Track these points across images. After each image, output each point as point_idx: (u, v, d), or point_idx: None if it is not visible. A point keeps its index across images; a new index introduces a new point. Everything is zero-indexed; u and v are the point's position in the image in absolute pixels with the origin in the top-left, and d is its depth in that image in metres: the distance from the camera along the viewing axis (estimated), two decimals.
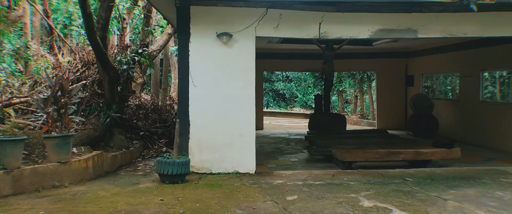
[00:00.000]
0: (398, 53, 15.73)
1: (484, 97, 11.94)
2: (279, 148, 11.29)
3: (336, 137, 10.82)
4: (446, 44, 13.01)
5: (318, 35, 7.56)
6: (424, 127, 13.27)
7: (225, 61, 7.46)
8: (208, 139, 7.44)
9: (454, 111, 13.07)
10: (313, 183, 6.79)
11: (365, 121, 19.29)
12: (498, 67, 11.52)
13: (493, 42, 10.89)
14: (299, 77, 28.26)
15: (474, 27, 7.81)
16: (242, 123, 7.52)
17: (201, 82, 7.42)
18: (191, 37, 7.38)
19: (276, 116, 24.14)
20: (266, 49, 15.05)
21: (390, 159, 8.31)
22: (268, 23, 7.42)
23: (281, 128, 17.24)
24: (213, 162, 7.45)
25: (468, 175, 7.42)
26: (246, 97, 7.52)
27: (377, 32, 7.67)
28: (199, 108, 7.43)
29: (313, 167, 8.49)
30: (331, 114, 13.28)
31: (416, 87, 15.23)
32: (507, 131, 10.62)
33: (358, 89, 22.30)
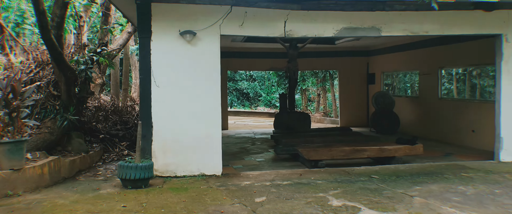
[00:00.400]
0: (360, 52, 15.97)
1: (442, 94, 12.29)
2: (245, 148, 11.14)
3: (301, 135, 10.79)
4: (406, 42, 13.30)
5: (283, 34, 7.46)
6: (385, 124, 13.52)
7: (189, 61, 7.23)
8: (172, 141, 7.18)
9: (414, 107, 13.38)
10: (281, 183, 6.68)
11: (328, 118, 19.48)
12: (455, 64, 11.88)
13: (450, 40, 11.19)
14: (263, 76, 28.23)
15: (435, 25, 7.96)
16: (207, 123, 7.31)
17: (164, 82, 7.15)
18: (153, 35, 7.09)
19: (241, 115, 24.00)
20: (230, 48, 14.87)
21: (355, 157, 8.35)
22: (233, 21, 7.25)
23: (246, 127, 17.11)
24: (178, 164, 7.20)
25: (431, 170, 7.55)
26: (212, 98, 7.32)
27: (342, 31, 7.67)
28: (162, 109, 7.15)
29: (280, 167, 8.40)
30: (296, 112, 13.29)
31: (377, 85, 15.51)
32: (464, 126, 10.96)
33: (321, 88, 22.51)
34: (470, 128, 10.78)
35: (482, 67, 11.55)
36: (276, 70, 18.65)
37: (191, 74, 7.23)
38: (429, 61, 12.42)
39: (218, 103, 7.35)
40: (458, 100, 11.96)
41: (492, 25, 8.12)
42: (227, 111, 15.49)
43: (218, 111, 7.35)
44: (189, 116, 7.23)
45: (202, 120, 7.28)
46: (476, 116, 10.59)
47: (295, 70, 12.70)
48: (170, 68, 7.17)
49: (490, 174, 7.20)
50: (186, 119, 7.22)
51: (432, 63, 12.26)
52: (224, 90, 15.36)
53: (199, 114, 7.26)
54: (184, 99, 7.22)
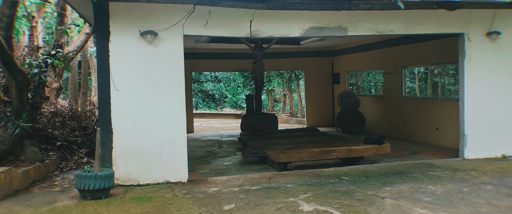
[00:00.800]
0: (325, 52, 15.98)
1: (406, 93, 12.42)
2: (211, 151, 10.82)
3: (269, 137, 10.59)
4: (370, 42, 13.38)
5: (249, 34, 7.22)
6: (351, 123, 13.55)
7: (151, 62, 6.85)
8: (135, 148, 6.79)
9: (379, 106, 13.48)
10: (250, 188, 6.43)
11: (294, 119, 19.43)
12: (418, 63, 12.03)
13: (413, 40, 11.32)
14: (228, 77, 27.93)
15: (400, 25, 7.94)
16: (172, 128, 6.96)
17: (124, 86, 6.75)
18: (111, 36, 6.67)
19: (206, 117, 23.60)
20: (194, 49, 14.51)
21: (324, 158, 8.23)
22: (196, 21, 6.94)
23: (212, 129, 16.77)
24: (141, 172, 6.81)
25: (399, 170, 7.52)
26: (176, 101, 6.97)
27: (309, 30, 7.51)
28: (123, 114, 6.74)
29: (248, 170, 8.15)
30: (263, 113, 13.10)
31: (342, 85, 15.56)
32: (428, 124, 11.10)
33: (286, 88, 22.47)
34: (434, 126, 10.93)
35: (443, 66, 11.75)
36: (242, 71, 18.42)
37: (153, 76, 6.86)
38: (393, 61, 12.53)
39: (182, 107, 7.01)
40: (421, 98, 12.11)
41: (455, 24, 8.20)
42: (192, 113, 15.11)
43: (182, 114, 7.02)
44: (152, 120, 6.86)
45: (166, 124, 6.92)
46: (439, 114, 10.74)
47: (261, 71, 12.50)
48: (131, 70, 6.78)
49: (456, 172, 7.23)
50: (149, 124, 6.84)
51: (396, 63, 12.38)
52: (188, 92, 14.99)
53: (162, 118, 6.90)
54: (147, 103, 6.84)
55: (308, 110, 16.25)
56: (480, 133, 8.38)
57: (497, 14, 8.28)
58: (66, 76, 13.71)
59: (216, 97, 28.10)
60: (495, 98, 8.41)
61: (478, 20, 8.25)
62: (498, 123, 8.44)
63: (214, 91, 27.92)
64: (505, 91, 8.46)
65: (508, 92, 8.46)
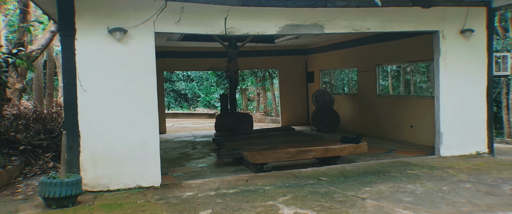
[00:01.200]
0: (299, 50, 15.85)
1: (380, 91, 12.42)
2: (185, 152, 10.48)
3: (244, 137, 10.34)
4: (344, 40, 13.32)
5: (224, 31, 6.94)
6: (326, 122, 13.47)
7: (121, 61, 6.48)
8: (104, 151, 6.40)
9: (354, 104, 13.45)
10: (227, 192, 6.17)
11: (269, 117, 19.25)
12: (392, 61, 12.03)
13: (387, 38, 11.29)
14: (201, 76, 27.49)
15: (376, 22, 7.84)
16: (144, 130, 6.61)
17: (92, 86, 6.35)
18: (77, 33, 6.26)
19: (179, 117, 23.12)
20: (166, 47, 14.09)
21: (301, 158, 8.04)
22: (168, 18, 6.61)
23: (185, 130, 16.38)
24: (111, 177, 6.43)
25: (377, 169, 7.41)
26: (147, 102, 6.62)
27: (285, 28, 7.30)
28: (91, 116, 6.34)
29: (224, 172, 7.88)
30: (238, 113, 12.83)
31: (316, 83, 15.47)
32: (402, 122, 11.11)
33: (260, 87, 22.26)
34: (408, 124, 10.95)
35: (416, 64, 11.81)
36: (216, 70, 18.10)
37: (123, 76, 6.49)
38: (367, 59, 12.50)
39: (154, 107, 6.67)
40: (395, 96, 12.14)
41: (430, 22, 8.17)
42: (164, 113, 14.69)
43: (154, 115, 6.68)
44: (122, 122, 6.48)
45: (137, 126, 6.56)
46: (413, 111, 10.76)
47: (236, 70, 12.23)
48: (99, 70, 6.38)
49: (434, 170, 7.19)
50: (119, 126, 6.47)
51: (370, 61, 12.35)
52: (160, 91, 14.51)
53: (133, 120, 6.54)
54: (116, 104, 6.46)
55: (282, 109, 16.09)
56: (455, 130, 8.39)
57: (470, 11, 8.30)
58: (31, 76, 13.04)
59: (188, 97, 27.62)
60: (469, 95, 8.44)
61: (452, 18, 8.25)
62: (471, 119, 8.48)
63: (186, 90, 27.43)
64: (478, 88, 8.50)
65: (481, 89, 8.51)
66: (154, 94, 6.66)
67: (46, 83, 12.48)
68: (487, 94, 8.53)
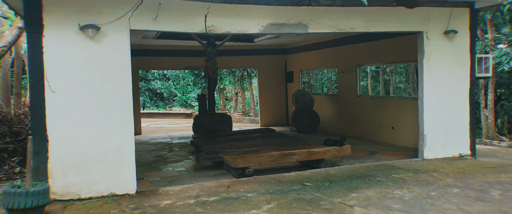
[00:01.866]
0: (278, 50, 15.59)
1: (360, 91, 12.27)
2: (161, 155, 10.04)
3: (224, 139, 9.98)
4: (324, 40, 13.12)
5: (204, 29, 6.57)
6: (306, 123, 13.25)
7: (93, 60, 6.02)
8: (75, 157, 5.94)
9: (334, 105, 13.27)
10: (207, 199, 5.81)
11: (247, 117, 18.93)
12: (372, 62, 11.90)
13: (368, 38, 11.14)
14: (178, 75, 26.93)
15: (360, 22, 7.62)
16: (118, 134, 6.17)
17: (62, 87, 5.87)
18: (46, 30, 5.77)
19: (155, 117, 22.52)
20: (141, 45, 13.58)
21: (284, 161, 7.76)
22: (145, 14, 6.19)
23: (161, 131, 15.87)
24: (83, 184, 5.97)
25: (362, 173, 7.19)
26: (122, 103, 6.19)
27: (268, 27, 6.98)
28: (61, 119, 5.87)
29: (203, 177, 7.52)
30: (217, 114, 12.44)
31: (295, 84, 15.24)
32: (383, 123, 10.98)
33: (239, 87, 21.92)
34: (389, 125, 10.82)
35: (395, 65, 11.71)
36: (193, 70, 17.65)
37: (96, 76, 6.04)
38: (347, 59, 12.33)
39: (129, 110, 6.24)
40: (376, 97, 12.03)
41: (414, 22, 8.01)
42: (140, 113, 14.18)
43: (130, 118, 6.25)
44: (94, 125, 6.03)
45: (111, 129, 6.12)
46: (394, 112, 10.64)
47: (214, 69, 11.85)
48: (69, 69, 5.91)
49: (419, 174, 7.02)
50: (91, 129, 6.01)
51: (350, 61, 12.18)
52: (135, 91, 13.98)
53: (107, 123, 6.10)
54: (88, 106, 6.00)
55: (261, 109, 15.79)
56: (438, 132, 8.27)
57: (453, 12, 8.19)
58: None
59: (164, 96, 27.01)
60: (452, 97, 8.34)
61: (436, 18, 8.12)
62: (455, 122, 8.38)
63: (162, 90, 26.82)
64: (461, 90, 8.41)
65: (464, 90, 8.42)
66: (129, 95, 6.23)
67: (14, 82, 11.78)
68: (469, 96, 8.45)
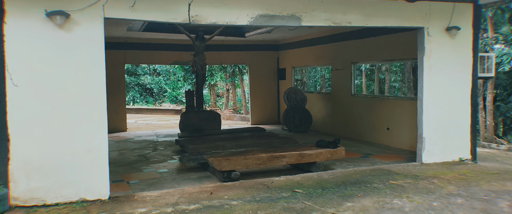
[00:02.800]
0: (270, 45, 14.99)
1: (355, 90, 11.71)
2: (144, 155, 9.41)
3: (211, 139, 9.37)
4: (318, 36, 12.55)
5: (188, 19, 5.94)
6: (298, 122, 12.69)
7: (63, 51, 5.38)
8: (40, 159, 5.30)
9: (327, 104, 12.71)
10: (186, 208, 5.20)
11: (238, 115, 18.34)
12: (367, 60, 11.35)
13: (364, 34, 10.60)
14: (168, 71, 26.22)
15: (358, 16, 7.04)
16: (90, 133, 5.54)
17: (27, 80, 5.24)
18: (7, 16, 5.12)
19: (143, 113, 21.83)
20: (127, 38, 12.90)
21: (273, 164, 7.18)
22: (121, 1, 5.55)
23: (148, 127, 15.21)
24: (49, 189, 5.34)
25: (357, 178, 6.63)
26: (95, 100, 5.56)
27: (258, 18, 6.37)
28: (25, 116, 5.23)
29: (186, 180, 6.92)
30: (205, 111, 11.81)
31: (288, 81, 14.66)
32: (378, 124, 10.44)
33: (230, 83, 21.29)
34: (384, 126, 10.28)
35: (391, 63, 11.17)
36: (182, 64, 16.99)
37: (66, 68, 5.39)
38: (341, 56, 11.77)
39: (103, 107, 5.61)
40: (371, 97, 11.49)
41: (414, 17, 7.46)
42: (125, 110, 13.52)
43: (103, 115, 5.61)
44: (63, 124, 5.39)
45: (82, 128, 5.49)
46: (389, 113, 10.10)
47: (203, 64, 11.23)
48: (35, 61, 5.27)
49: (419, 180, 6.47)
50: (59, 128, 5.38)
51: (345, 58, 11.62)
52: (121, 86, 13.37)
53: (77, 121, 5.46)
54: (56, 102, 5.36)
55: (252, 107, 15.19)
56: (438, 135, 7.74)
57: (456, 8, 7.65)
58: None
59: (154, 92, 26.30)
60: (453, 98, 7.80)
61: (438, 14, 7.57)
62: (455, 124, 7.86)
63: (152, 85, 26.10)
64: (462, 90, 7.88)
65: (465, 91, 7.89)
66: (103, 91, 5.59)
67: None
68: (471, 96, 7.93)
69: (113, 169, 7.93)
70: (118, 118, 13.25)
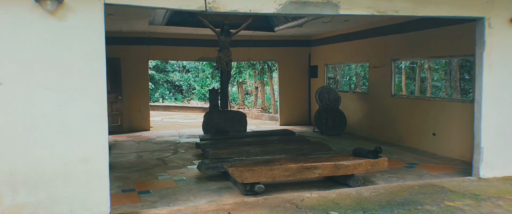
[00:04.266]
0: (301, 41, 13.85)
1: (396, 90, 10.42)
2: (163, 158, 8.53)
3: (234, 142, 8.40)
4: (354, 31, 11.33)
5: (204, 6, 4.94)
6: (331, 124, 11.52)
7: (54, 43, 4.49)
8: (29, 170, 4.44)
9: (363, 105, 11.47)
10: None
11: (266, 114, 17.30)
12: (410, 56, 10.03)
13: (407, 28, 9.34)
14: (197, 67, 25.49)
15: (407, 3, 5.85)
16: (87, 141, 4.64)
17: (12, 78, 4.38)
18: None
19: (171, 110, 21.16)
20: (151, 33, 12.11)
21: (303, 177, 6.10)
22: None
23: (173, 126, 14.41)
24: (38, 205, 4.48)
25: (404, 197, 5.46)
26: (93, 100, 4.64)
27: (288, 5, 5.30)
28: (9, 120, 4.38)
29: (203, 191, 5.98)
30: (229, 111, 10.82)
31: (320, 79, 13.48)
32: (423, 128, 9.15)
33: (258, 81, 20.27)
34: (430, 131, 8.98)
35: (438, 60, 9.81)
36: (207, 61, 16.09)
37: (58, 64, 4.51)
38: (381, 52, 10.50)
39: (102, 109, 4.69)
40: (414, 98, 10.19)
41: (473, 5, 6.18)
42: (148, 108, 12.72)
43: (103, 119, 4.70)
44: (55, 129, 4.51)
45: (78, 135, 4.59)
46: (436, 116, 8.79)
47: (228, 60, 10.25)
48: (22, 54, 4.40)
49: (480, 202, 5.24)
50: (50, 135, 4.50)
51: (385, 55, 10.35)
52: (145, 83, 12.59)
53: (72, 126, 4.57)
54: (47, 104, 4.49)
55: (281, 106, 14.10)
56: (499, 145, 6.44)
57: None
58: None
59: (183, 89, 25.63)
60: None
61: (502, 1, 6.26)
62: None
63: (181, 82, 25.44)
64: None
65: None
66: (103, 90, 4.67)
67: None
68: None
69: (127, 175, 7.11)
70: (141, 116, 12.50)
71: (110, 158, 8.67)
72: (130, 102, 12.19)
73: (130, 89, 12.13)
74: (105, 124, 4.70)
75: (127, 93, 12.09)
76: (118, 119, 11.99)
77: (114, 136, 11.37)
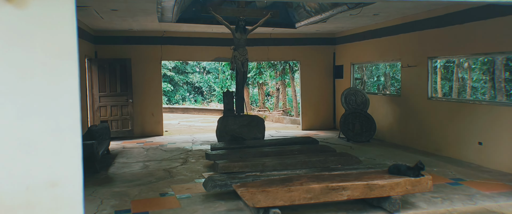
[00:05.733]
0: (325, 39, 12.65)
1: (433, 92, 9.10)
2: (170, 169, 7.53)
3: (249, 153, 7.32)
4: (383, 26, 10.08)
5: None
6: (358, 129, 10.30)
7: (11, 37, 3.51)
8: None
9: (394, 109, 10.18)
10: None
11: (287, 117, 16.15)
12: (449, 53, 8.70)
13: (446, 21, 8.06)
14: (217, 69, 24.56)
15: None
16: (54, 160, 3.62)
17: None
18: None
19: (190, 112, 20.28)
20: (164, 32, 11.20)
21: (328, 199, 4.96)
22: None
23: (189, 130, 13.46)
24: None
25: None
26: (63, 109, 3.63)
27: None
28: None
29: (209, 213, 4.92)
30: (246, 116, 9.71)
31: (346, 80, 12.25)
32: (465, 136, 7.83)
33: (280, 82, 19.14)
34: (474, 140, 7.66)
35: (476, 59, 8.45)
36: (223, 61, 15.05)
37: (16, 63, 3.52)
38: (415, 50, 9.22)
39: (75, 119, 3.66)
40: (456, 101, 8.86)
41: None
42: (161, 111, 11.79)
43: (76, 131, 3.67)
44: (13, 146, 3.52)
45: (43, 153, 3.59)
46: (482, 123, 7.48)
47: (244, 60, 9.18)
48: None
49: None
50: (6, 153, 3.52)
51: (419, 52, 9.06)
52: (157, 85, 11.66)
53: (35, 142, 3.57)
54: (2, 113, 3.51)
55: (303, 109, 12.93)
56: None
57: None
58: None
59: (203, 90, 24.77)
60: None
61: None
62: None
63: (201, 83, 24.58)
64: None
65: None
66: (75, 95, 3.65)
67: None
68: None
69: (126, 190, 6.15)
70: (154, 121, 11.59)
71: (113, 169, 7.82)
72: (141, 105, 11.29)
73: (141, 91, 11.25)
74: (78, 139, 3.67)
75: (139, 96, 11.21)
76: (128, 124, 11.10)
77: (124, 142, 10.48)
